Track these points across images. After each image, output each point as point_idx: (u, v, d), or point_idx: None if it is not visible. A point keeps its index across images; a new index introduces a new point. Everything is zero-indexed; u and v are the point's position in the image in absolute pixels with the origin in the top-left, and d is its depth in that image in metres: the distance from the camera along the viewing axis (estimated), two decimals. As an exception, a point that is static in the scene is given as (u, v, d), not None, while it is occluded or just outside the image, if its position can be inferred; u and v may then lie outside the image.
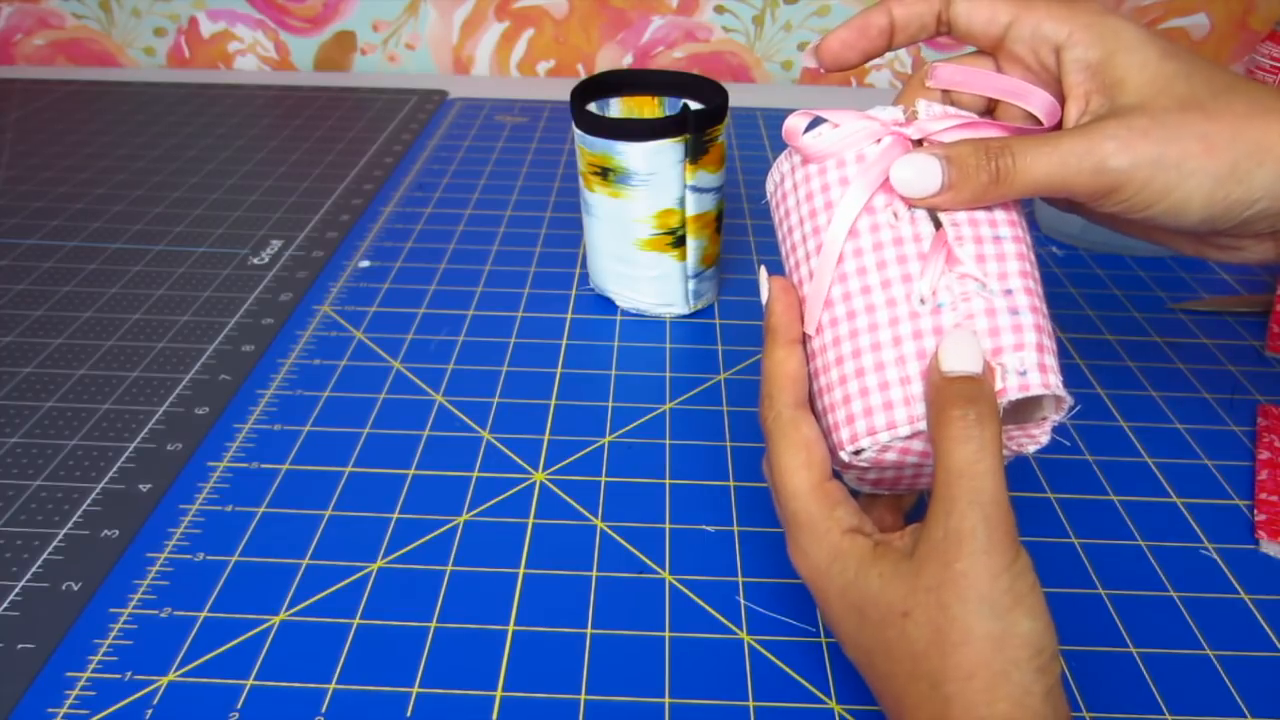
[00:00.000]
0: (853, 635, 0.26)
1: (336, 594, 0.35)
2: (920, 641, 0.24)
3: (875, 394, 0.28)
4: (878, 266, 0.28)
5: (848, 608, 0.26)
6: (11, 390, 0.46)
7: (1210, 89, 0.27)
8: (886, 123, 0.29)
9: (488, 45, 0.95)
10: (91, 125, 0.79)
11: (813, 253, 0.30)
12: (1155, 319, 0.53)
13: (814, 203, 0.30)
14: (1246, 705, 0.31)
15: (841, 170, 0.29)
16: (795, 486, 0.28)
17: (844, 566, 0.26)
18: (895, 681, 0.25)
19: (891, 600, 0.25)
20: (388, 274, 0.56)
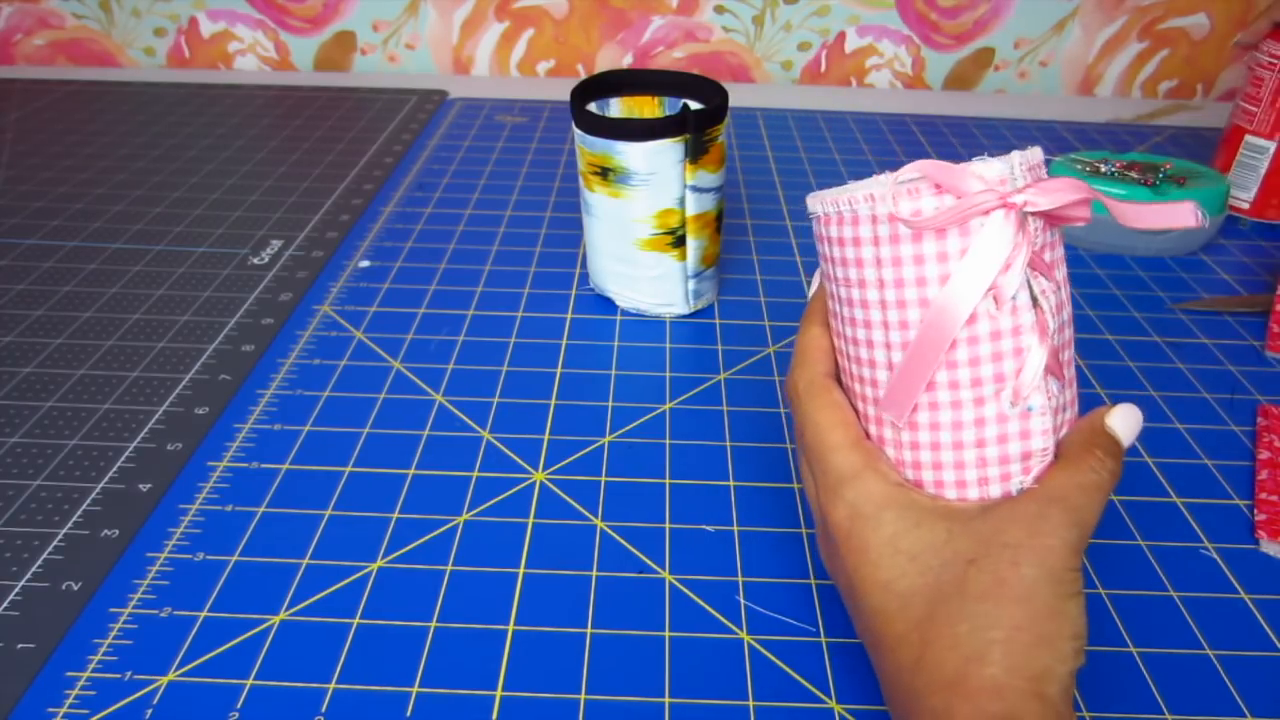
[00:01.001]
0: (891, 580, 0.26)
1: (336, 594, 0.35)
2: (979, 586, 0.25)
3: (955, 474, 0.28)
4: (970, 363, 0.26)
5: (895, 553, 0.26)
6: (11, 390, 0.46)
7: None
8: (1001, 190, 0.25)
9: (488, 45, 0.95)
10: (91, 125, 0.79)
11: (893, 325, 0.27)
12: (1155, 319, 0.53)
13: (903, 271, 0.27)
14: (1246, 705, 0.31)
15: (942, 244, 0.26)
16: (837, 440, 0.29)
17: (900, 514, 0.27)
18: (932, 623, 0.25)
19: (959, 549, 0.26)
20: (388, 274, 0.56)
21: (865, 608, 0.27)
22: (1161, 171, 0.59)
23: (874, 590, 0.27)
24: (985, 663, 0.24)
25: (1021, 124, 0.83)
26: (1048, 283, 0.27)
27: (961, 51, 0.93)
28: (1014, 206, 0.25)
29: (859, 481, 0.28)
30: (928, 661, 0.25)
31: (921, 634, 0.25)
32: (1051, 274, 0.27)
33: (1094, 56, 0.92)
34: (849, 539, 0.28)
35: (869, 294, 0.28)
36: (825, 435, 0.29)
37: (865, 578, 0.27)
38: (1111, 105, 0.90)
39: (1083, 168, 0.60)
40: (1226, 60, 0.91)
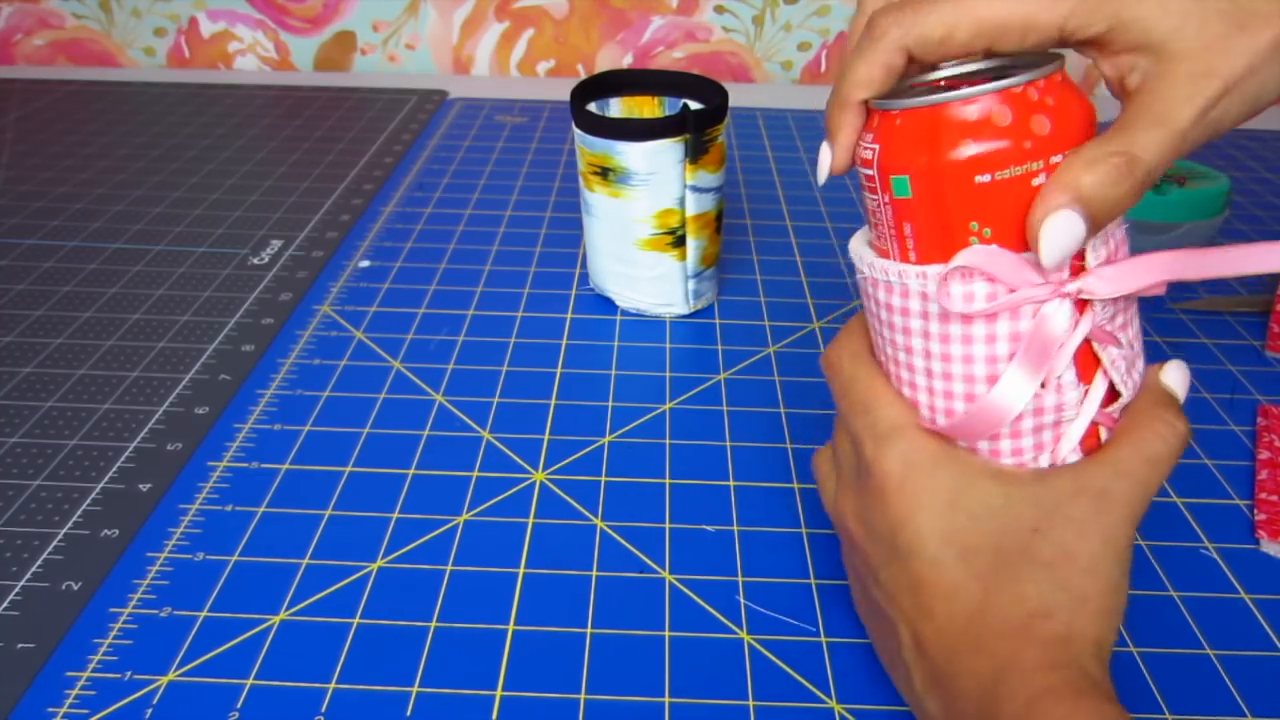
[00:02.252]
0: (951, 532, 0.26)
1: (336, 594, 0.35)
2: (1045, 554, 0.25)
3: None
4: (1011, 435, 0.27)
5: (953, 508, 0.26)
6: (11, 390, 0.46)
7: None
8: (1049, 280, 0.25)
9: (488, 45, 0.95)
10: (91, 125, 0.79)
11: (939, 392, 0.27)
12: (1155, 319, 0.53)
13: (950, 348, 0.26)
14: (1246, 705, 0.31)
15: (991, 328, 0.25)
16: (891, 395, 0.28)
17: (954, 471, 0.26)
18: (996, 576, 0.25)
19: (1020, 516, 0.26)
20: (388, 274, 0.56)
21: (918, 557, 0.26)
22: (1161, 171, 0.59)
23: (931, 541, 0.26)
24: (1051, 618, 0.24)
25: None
26: (1116, 351, 0.26)
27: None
28: (1070, 295, 0.25)
29: (913, 432, 0.27)
30: (991, 610, 0.25)
31: (983, 585, 0.25)
32: (1116, 341, 0.26)
33: (1094, 56, 0.92)
34: (902, 487, 0.27)
35: (915, 360, 0.27)
36: (878, 390, 0.28)
37: (922, 527, 0.26)
38: (1112, 105, 0.90)
39: (1083, 168, 0.60)
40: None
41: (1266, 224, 0.64)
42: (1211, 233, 0.59)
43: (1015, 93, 0.24)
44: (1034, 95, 0.24)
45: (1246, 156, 0.76)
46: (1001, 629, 0.25)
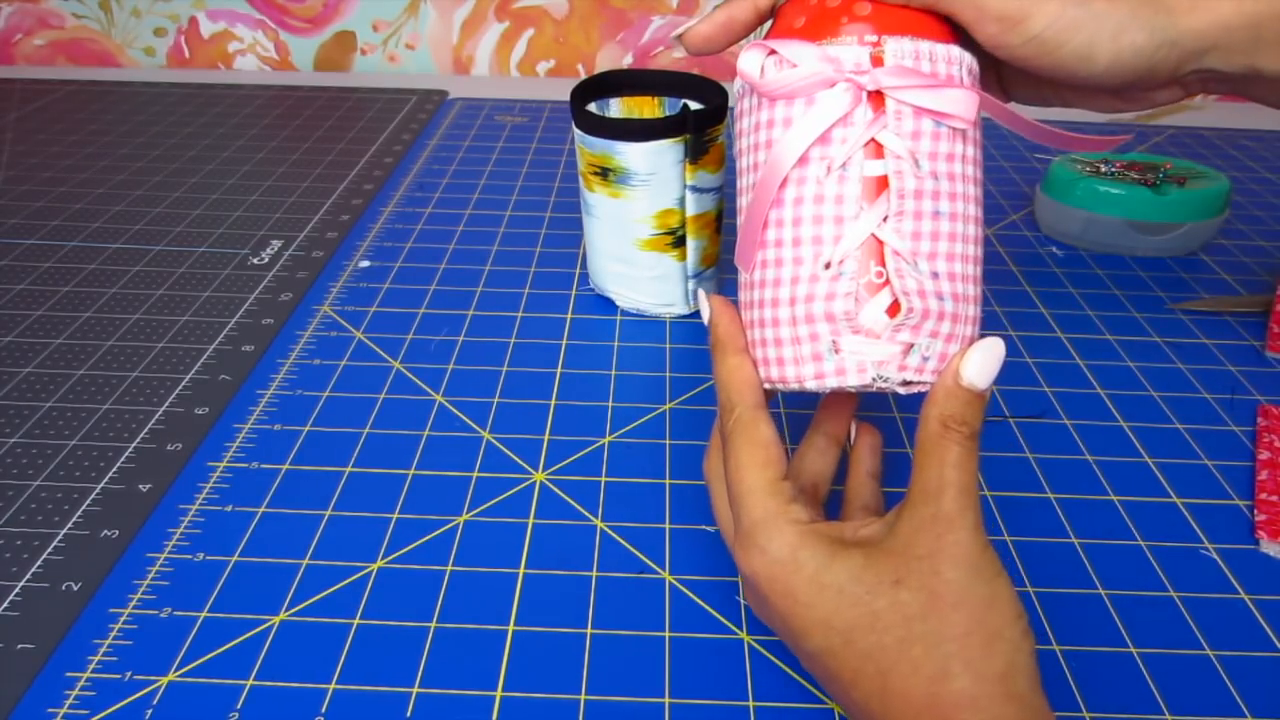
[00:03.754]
0: (827, 617, 0.26)
1: (336, 594, 0.35)
2: (914, 605, 0.25)
3: (774, 347, 0.29)
4: (794, 222, 0.28)
5: (821, 589, 0.26)
6: (11, 390, 0.46)
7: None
8: (845, 69, 0.28)
9: (488, 45, 0.95)
10: (91, 125, 0.79)
11: (748, 189, 0.30)
12: (1155, 319, 0.53)
13: (758, 136, 0.29)
14: (1246, 705, 0.31)
15: (789, 110, 0.28)
16: (752, 483, 0.28)
17: (814, 552, 0.27)
18: (882, 654, 0.25)
19: (880, 572, 0.26)
20: (388, 274, 0.56)
21: (811, 649, 0.27)
22: (1161, 171, 0.59)
23: (815, 630, 0.26)
24: (950, 678, 0.24)
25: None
26: (908, 166, 0.28)
27: (961, 51, 0.92)
28: (858, 85, 0.27)
29: (771, 528, 0.27)
30: (893, 690, 0.25)
31: (876, 665, 0.25)
32: (913, 159, 0.28)
33: (1094, 56, 0.92)
34: (773, 585, 0.27)
35: (743, 161, 0.30)
36: (744, 475, 0.28)
37: (801, 620, 0.27)
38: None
39: (1083, 168, 0.60)
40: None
41: (1266, 224, 0.64)
42: (1212, 233, 0.59)
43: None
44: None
45: (1246, 156, 0.76)
46: (910, 708, 0.24)
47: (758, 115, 0.29)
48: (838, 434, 0.35)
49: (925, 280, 0.28)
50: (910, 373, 0.28)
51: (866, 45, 0.28)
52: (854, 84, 0.27)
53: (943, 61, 0.28)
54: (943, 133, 0.28)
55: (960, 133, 0.28)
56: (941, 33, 0.29)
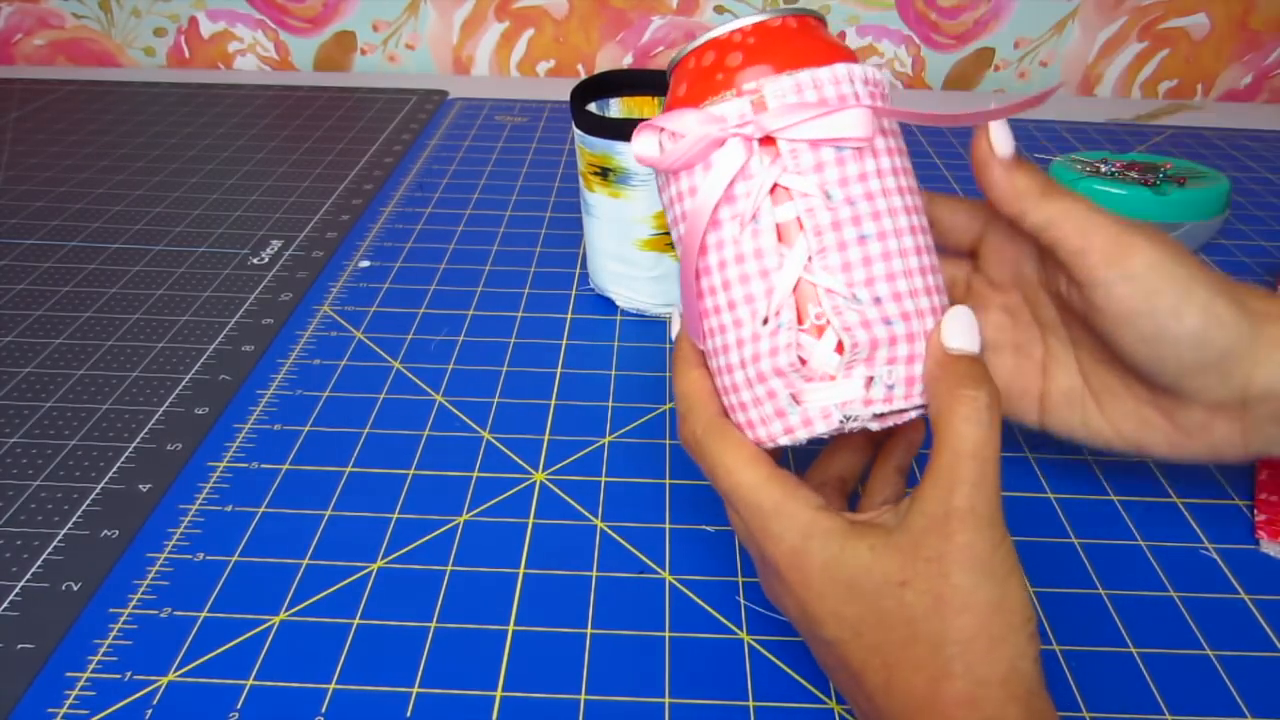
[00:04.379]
0: (837, 609, 0.26)
1: (336, 594, 0.35)
2: (919, 608, 0.25)
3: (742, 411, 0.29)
4: (724, 286, 0.28)
5: (832, 581, 0.26)
6: (11, 390, 0.46)
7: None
8: (729, 125, 0.27)
9: (488, 45, 0.95)
10: (91, 125, 0.79)
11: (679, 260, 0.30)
12: (1155, 319, 0.53)
13: (675, 210, 0.29)
14: (1246, 705, 0.31)
15: (691, 179, 0.28)
16: (751, 478, 0.28)
17: (825, 542, 0.26)
18: (889, 650, 0.25)
19: (887, 570, 0.25)
20: (388, 274, 0.56)
21: (826, 637, 0.27)
22: (1161, 171, 0.59)
23: (827, 620, 0.26)
24: (951, 678, 0.24)
25: (1021, 124, 0.83)
26: (818, 201, 0.27)
27: (961, 51, 0.93)
28: (745, 136, 0.27)
29: (782, 514, 0.27)
30: (897, 685, 0.25)
31: (883, 659, 0.25)
32: (823, 192, 0.27)
33: (1094, 56, 0.92)
34: (791, 572, 0.27)
35: (673, 235, 0.30)
36: (739, 476, 0.28)
37: (815, 608, 0.27)
38: (1111, 105, 0.90)
39: (1083, 168, 0.60)
40: (1226, 60, 0.91)
41: (1266, 224, 0.64)
42: (1212, 233, 0.59)
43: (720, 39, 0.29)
44: (736, 38, 0.28)
45: (1246, 156, 0.76)
46: (912, 703, 0.24)
47: (669, 190, 0.29)
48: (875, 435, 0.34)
49: (867, 309, 0.27)
50: (878, 405, 0.28)
51: (746, 95, 0.27)
52: (741, 136, 0.27)
53: (829, 84, 0.27)
54: (846, 156, 0.27)
55: (864, 151, 0.28)
56: (824, 58, 0.28)
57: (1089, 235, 0.28)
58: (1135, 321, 0.29)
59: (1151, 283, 0.28)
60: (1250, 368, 0.28)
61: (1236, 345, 0.28)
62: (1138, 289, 0.28)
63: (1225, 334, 0.28)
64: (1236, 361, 0.28)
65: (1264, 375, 0.28)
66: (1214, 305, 0.28)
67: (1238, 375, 0.29)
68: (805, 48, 0.28)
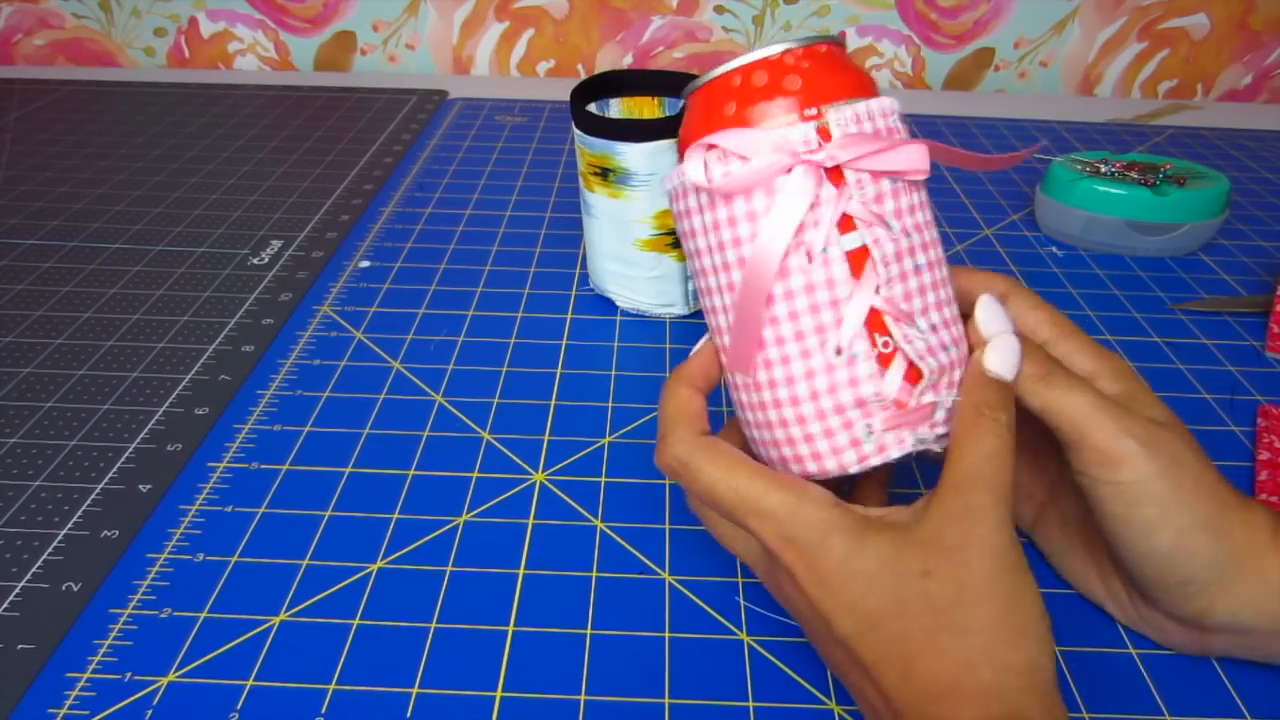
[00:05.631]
0: (854, 603, 0.26)
1: (336, 594, 0.35)
2: (942, 598, 0.25)
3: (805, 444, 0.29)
4: (790, 317, 0.28)
5: (850, 575, 0.26)
6: (11, 390, 0.46)
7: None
8: (798, 151, 0.27)
9: (488, 45, 0.95)
10: (91, 125, 0.79)
11: (724, 288, 0.29)
12: (1155, 319, 0.53)
13: (719, 235, 0.28)
14: (1246, 705, 0.31)
15: (749, 204, 0.27)
16: (759, 489, 0.28)
17: (845, 538, 0.26)
18: (910, 640, 0.25)
19: (909, 561, 0.26)
20: (388, 274, 0.56)
21: (836, 635, 0.27)
22: (1161, 171, 0.59)
23: (842, 616, 0.26)
24: (975, 667, 0.24)
25: (1021, 124, 0.83)
26: (882, 231, 0.27)
27: (961, 51, 0.93)
28: (814, 164, 0.27)
29: (799, 516, 0.27)
30: (917, 674, 0.25)
31: (900, 650, 0.25)
32: (884, 223, 0.27)
33: (1094, 56, 0.92)
34: (807, 571, 0.27)
35: (704, 262, 0.29)
36: (746, 489, 0.28)
37: (829, 605, 0.27)
38: (1111, 105, 0.90)
39: (1083, 168, 0.60)
40: (1226, 60, 0.91)
41: (1266, 224, 0.65)
42: (1212, 233, 0.59)
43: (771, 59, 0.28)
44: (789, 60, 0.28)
45: (1246, 156, 0.76)
46: (934, 691, 0.24)
47: (712, 214, 0.28)
48: None
49: (929, 337, 0.28)
50: (940, 428, 0.28)
51: (810, 120, 0.27)
52: (811, 164, 0.27)
53: (880, 117, 0.28)
54: (900, 188, 0.28)
55: (916, 184, 0.28)
56: (863, 87, 0.28)
57: (1084, 434, 0.28)
58: (1110, 522, 0.29)
59: (1134, 494, 0.28)
60: (1215, 595, 0.29)
61: (1203, 575, 0.28)
62: (1120, 495, 0.28)
63: (1193, 564, 0.28)
64: (1201, 589, 0.29)
65: (1224, 607, 0.29)
66: (1190, 534, 0.28)
67: (1200, 600, 0.29)
68: (849, 76, 0.28)
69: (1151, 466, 0.28)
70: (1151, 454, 0.28)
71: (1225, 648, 0.31)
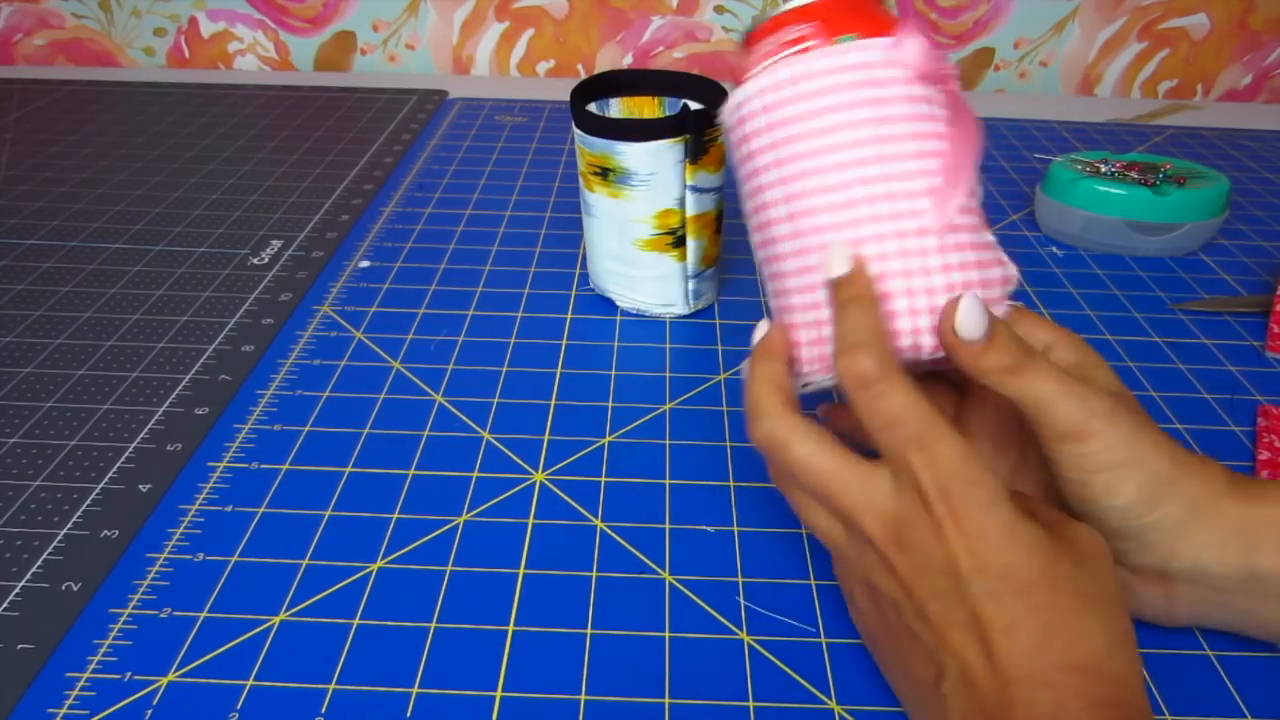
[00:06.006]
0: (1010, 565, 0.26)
1: (336, 594, 0.35)
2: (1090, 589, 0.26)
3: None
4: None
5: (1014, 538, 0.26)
6: (11, 390, 0.46)
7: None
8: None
9: (488, 45, 0.95)
10: (91, 125, 0.79)
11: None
12: (1155, 319, 0.53)
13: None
14: (1246, 705, 0.31)
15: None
16: (964, 447, 0.28)
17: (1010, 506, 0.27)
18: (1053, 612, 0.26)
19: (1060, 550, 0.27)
20: (388, 274, 0.56)
21: (971, 590, 0.26)
22: (1161, 171, 0.59)
23: (989, 574, 0.26)
24: (1114, 659, 0.25)
25: (1021, 124, 0.83)
26: None
27: (961, 51, 0.93)
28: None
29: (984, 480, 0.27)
30: (1053, 645, 0.25)
31: (1043, 620, 0.26)
32: None
33: (1094, 56, 0.92)
34: (960, 524, 0.27)
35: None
36: (955, 455, 0.28)
37: (977, 561, 0.26)
38: (1111, 105, 0.90)
39: (1083, 168, 0.60)
40: (1226, 60, 0.91)
41: (1266, 224, 0.65)
42: (1212, 233, 0.59)
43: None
44: None
45: (1246, 156, 0.76)
46: (1063, 662, 0.25)
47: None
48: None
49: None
50: None
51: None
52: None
53: None
54: None
55: None
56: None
57: (1052, 417, 0.30)
58: (1070, 485, 0.31)
59: (1098, 461, 0.30)
60: (1175, 543, 0.30)
61: (1162, 523, 0.30)
62: (1085, 462, 0.30)
63: (1154, 514, 0.30)
64: (1162, 537, 0.30)
65: (1185, 553, 0.30)
66: (1149, 487, 0.30)
67: (1160, 549, 0.31)
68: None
69: (1113, 436, 0.29)
70: (1113, 425, 0.29)
71: (1191, 605, 0.31)
